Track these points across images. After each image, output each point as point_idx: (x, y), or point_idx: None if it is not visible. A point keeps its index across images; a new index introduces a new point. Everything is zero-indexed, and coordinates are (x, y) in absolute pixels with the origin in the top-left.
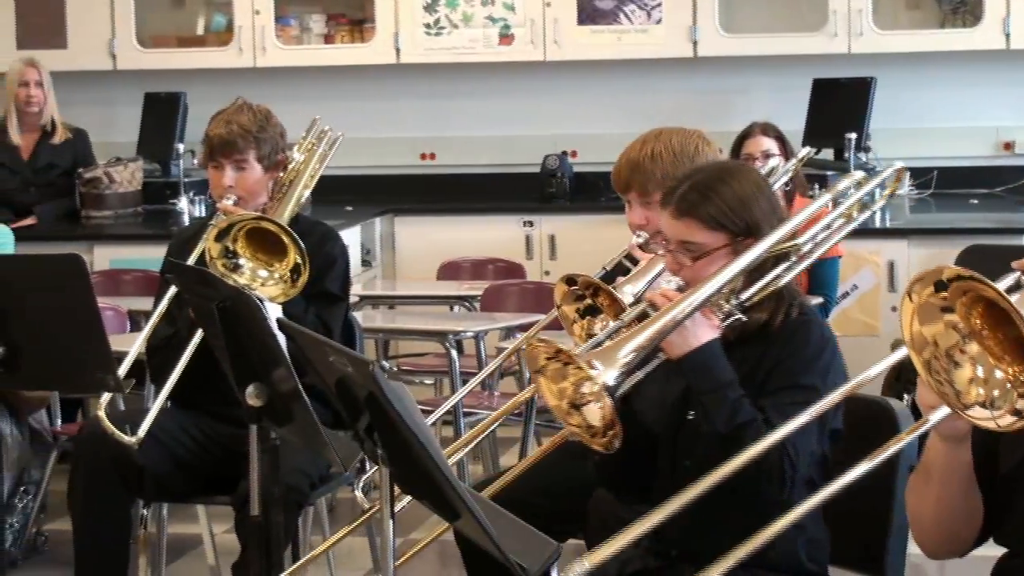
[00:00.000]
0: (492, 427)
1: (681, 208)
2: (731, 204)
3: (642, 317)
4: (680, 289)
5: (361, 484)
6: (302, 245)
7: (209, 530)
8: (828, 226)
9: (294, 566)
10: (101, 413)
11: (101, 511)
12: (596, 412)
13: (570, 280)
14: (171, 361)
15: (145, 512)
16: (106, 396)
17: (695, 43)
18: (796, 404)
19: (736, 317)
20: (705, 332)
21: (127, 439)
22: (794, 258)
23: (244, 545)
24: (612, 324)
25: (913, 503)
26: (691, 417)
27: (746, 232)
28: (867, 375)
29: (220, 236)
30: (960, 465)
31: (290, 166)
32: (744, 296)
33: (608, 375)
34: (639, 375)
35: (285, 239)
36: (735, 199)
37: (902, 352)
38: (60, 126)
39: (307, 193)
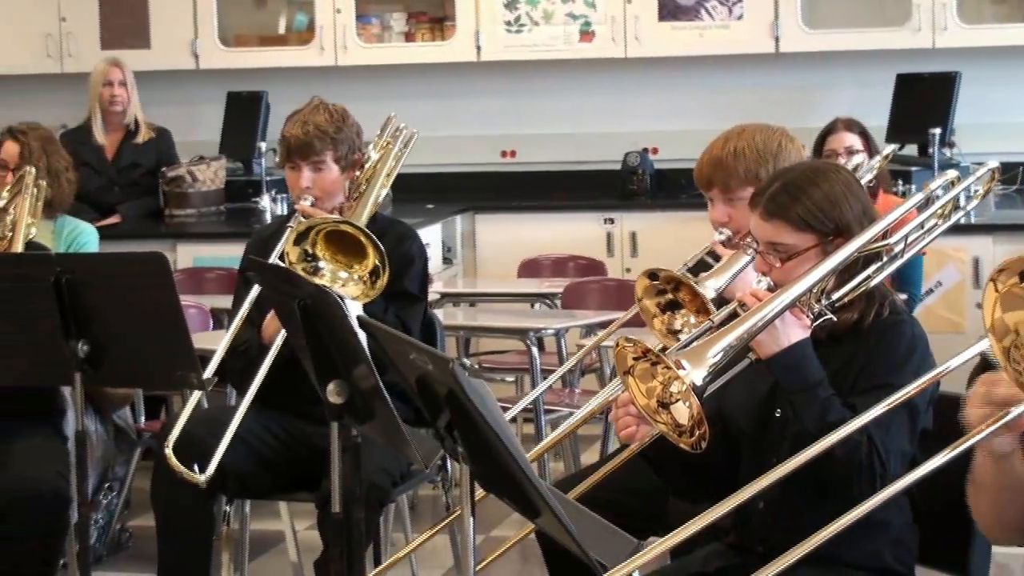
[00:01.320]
0: (576, 428)
1: (770, 209)
2: (820, 205)
3: (732, 317)
4: (770, 289)
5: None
6: (381, 247)
7: (291, 527)
8: (921, 225)
9: (379, 568)
10: (168, 451)
11: (184, 508)
12: (684, 411)
13: (652, 274)
14: (249, 366)
15: (228, 509)
16: (179, 425)
17: (777, 39)
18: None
19: (827, 317)
20: (795, 332)
21: (196, 478)
22: (885, 258)
23: (326, 543)
24: (702, 324)
25: (972, 505)
26: (778, 415)
27: (836, 233)
28: (948, 366)
29: (298, 240)
30: (1010, 477)
31: (366, 165)
32: (835, 296)
33: (696, 375)
34: (728, 375)
35: (364, 241)
36: (824, 200)
37: (984, 343)
38: (144, 125)
39: (384, 192)
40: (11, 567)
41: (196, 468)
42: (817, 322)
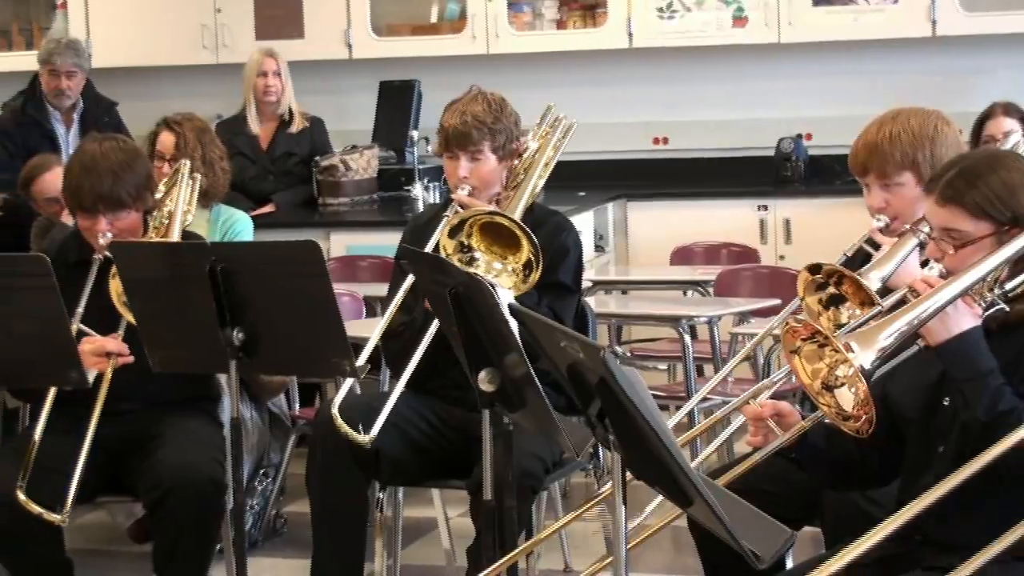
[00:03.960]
0: (730, 412)
1: (946, 195)
2: (998, 193)
3: (901, 304)
4: (942, 276)
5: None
6: (536, 241)
7: (444, 514)
8: None
9: (524, 545)
10: (335, 411)
11: (338, 494)
12: (848, 396)
13: (813, 268)
14: (405, 349)
15: (381, 496)
16: (344, 389)
17: (934, 22)
18: None
19: (999, 307)
20: (966, 320)
21: (360, 438)
22: None
23: (478, 529)
24: (873, 309)
25: None
26: (946, 404)
27: (1012, 222)
28: None
29: (453, 232)
30: None
31: (524, 155)
32: (1008, 286)
33: (864, 357)
34: (896, 360)
35: (519, 233)
36: (1003, 188)
37: None
38: (297, 115)
39: (542, 183)
40: (168, 552)
41: (349, 457)
42: (989, 311)
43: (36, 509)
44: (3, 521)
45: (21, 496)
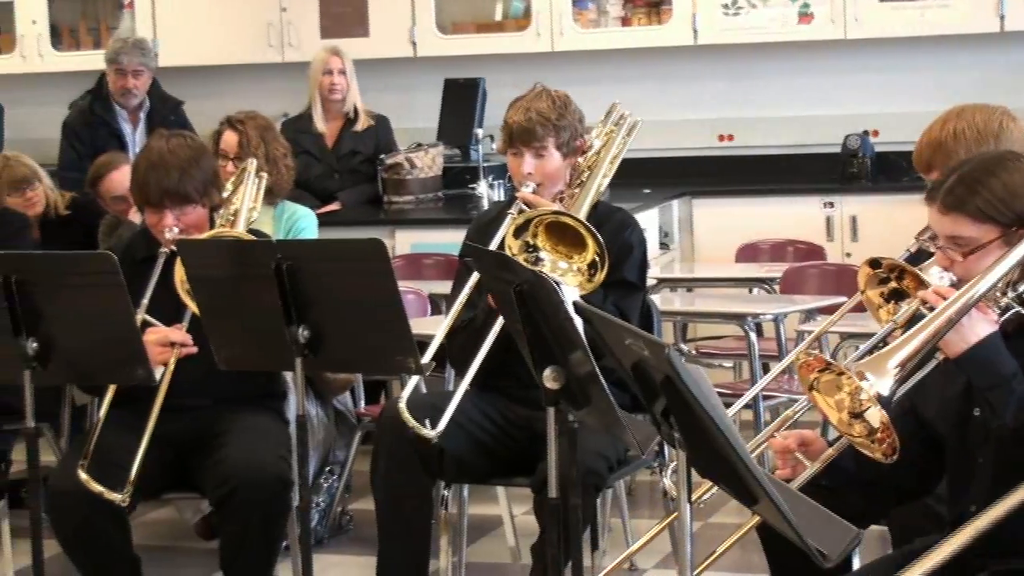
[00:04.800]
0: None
1: (947, 203)
2: (1000, 196)
3: (914, 315)
4: (954, 285)
5: (669, 474)
6: (601, 241)
7: (509, 511)
8: None
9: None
10: (402, 406)
11: (403, 492)
12: (877, 415)
13: (874, 263)
14: (469, 345)
15: (446, 493)
16: (410, 385)
17: (1002, 17)
18: None
19: (1015, 310)
20: (982, 327)
21: (427, 433)
22: None
23: (543, 527)
24: (886, 325)
25: None
26: (976, 414)
27: (1018, 223)
28: None
29: (519, 232)
30: None
31: (589, 153)
32: (1021, 288)
33: (880, 385)
34: (918, 376)
35: (584, 233)
36: (1004, 190)
37: None
38: (363, 113)
39: (607, 181)
40: (235, 549)
41: (414, 454)
42: (1005, 316)
43: (97, 488)
44: (71, 514)
45: (83, 475)
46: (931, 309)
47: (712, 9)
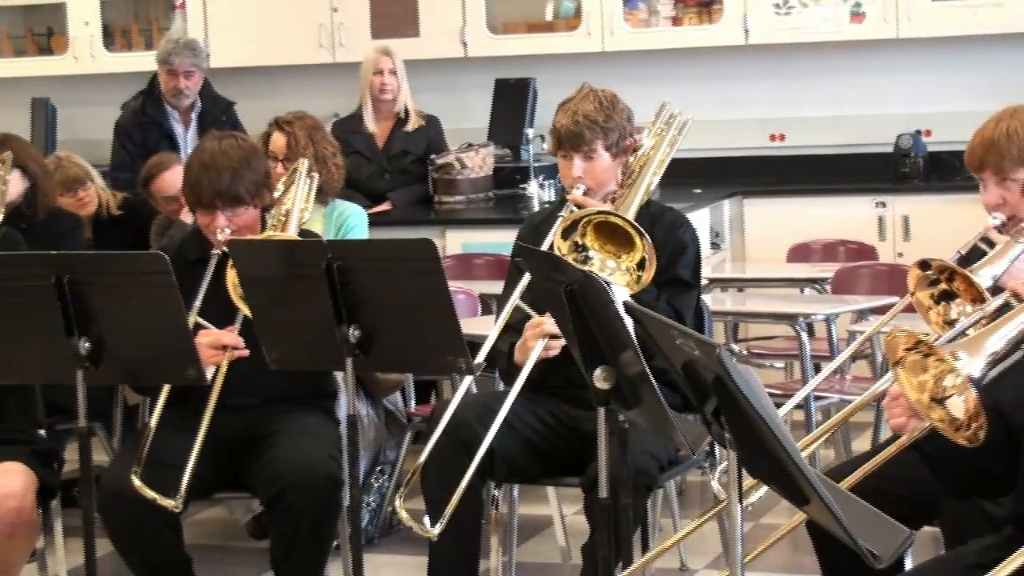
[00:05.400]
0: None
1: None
2: None
3: (1004, 308)
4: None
5: (718, 475)
6: (649, 240)
7: (559, 512)
8: None
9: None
10: (137, 481)
11: (453, 492)
12: (959, 405)
13: (924, 264)
14: (510, 371)
15: (497, 493)
16: (463, 387)
17: None
18: None
19: None
20: None
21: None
22: None
23: (593, 527)
24: (974, 314)
25: None
26: None
27: None
28: None
29: (567, 232)
30: None
31: (639, 151)
32: None
33: (973, 366)
34: (1004, 365)
35: (632, 233)
36: None
37: None
38: (413, 113)
39: (657, 180)
40: (286, 548)
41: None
42: None
43: (150, 494)
44: (123, 514)
45: (136, 481)
46: (1020, 300)
47: (763, 9)
